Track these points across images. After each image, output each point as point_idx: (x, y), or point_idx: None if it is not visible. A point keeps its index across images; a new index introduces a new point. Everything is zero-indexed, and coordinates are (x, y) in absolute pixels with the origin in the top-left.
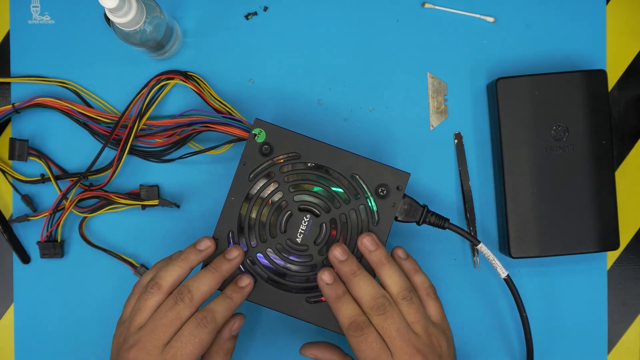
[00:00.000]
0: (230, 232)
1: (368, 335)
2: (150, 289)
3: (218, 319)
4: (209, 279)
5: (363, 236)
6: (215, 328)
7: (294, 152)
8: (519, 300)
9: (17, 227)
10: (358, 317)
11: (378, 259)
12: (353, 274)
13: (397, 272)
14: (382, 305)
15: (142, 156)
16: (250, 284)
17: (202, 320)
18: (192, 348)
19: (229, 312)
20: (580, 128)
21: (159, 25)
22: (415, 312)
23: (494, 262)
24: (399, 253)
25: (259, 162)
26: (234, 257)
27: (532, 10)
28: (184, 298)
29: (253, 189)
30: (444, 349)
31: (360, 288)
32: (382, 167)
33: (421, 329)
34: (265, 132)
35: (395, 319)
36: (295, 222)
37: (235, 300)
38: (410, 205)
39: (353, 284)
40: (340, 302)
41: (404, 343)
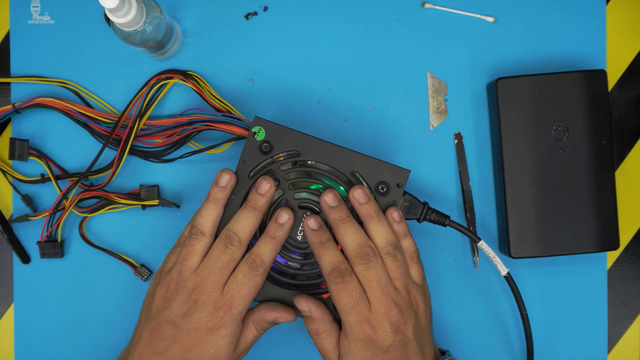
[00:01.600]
0: None
1: (349, 283)
2: (194, 236)
3: (266, 261)
4: (250, 218)
5: (355, 188)
6: (266, 269)
7: (293, 150)
8: (519, 298)
9: (17, 227)
10: (340, 264)
11: (368, 212)
12: (341, 220)
13: (385, 227)
14: (367, 254)
15: (142, 156)
16: (290, 218)
17: (253, 264)
18: (247, 290)
19: (275, 251)
20: (580, 128)
21: (159, 25)
22: (397, 268)
23: (494, 259)
24: (393, 214)
25: (258, 160)
26: (266, 190)
27: (532, 10)
28: (233, 241)
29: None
30: (420, 308)
31: (346, 235)
32: (382, 164)
33: (401, 285)
34: (264, 130)
35: (378, 270)
36: (295, 221)
37: (279, 238)
38: (411, 203)
39: (340, 230)
40: (324, 247)
41: (383, 294)
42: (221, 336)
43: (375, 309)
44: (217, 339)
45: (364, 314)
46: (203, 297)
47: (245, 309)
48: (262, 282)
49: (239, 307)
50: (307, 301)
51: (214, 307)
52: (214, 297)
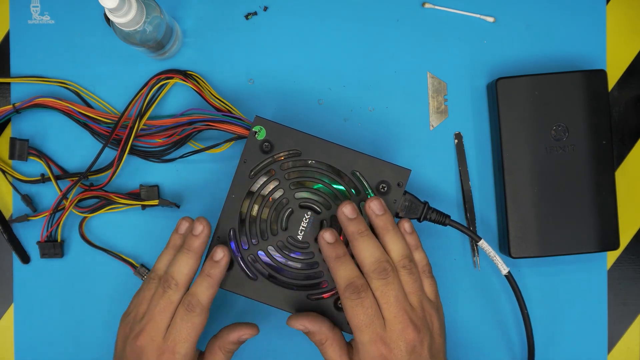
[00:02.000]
0: (231, 230)
1: (365, 299)
2: (146, 280)
3: (202, 299)
4: (187, 260)
5: (372, 199)
6: (203, 309)
7: (294, 149)
8: (520, 297)
9: (17, 227)
10: (357, 279)
11: (384, 224)
12: (360, 233)
13: (401, 240)
14: (385, 269)
15: (142, 156)
16: (225, 255)
17: (189, 306)
18: (187, 332)
19: (212, 289)
20: (580, 128)
21: (159, 25)
22: (413, 282)
23: (494, 258)
24: (405, 226)
25: (259, 159)
26: (200, 231)
27: (532, 10)
28: (170, 285)
29: (254, 186)
30: (435, 326)
31: (365, 248)
32: (383, 163)
33: (417, 301)
34: (265, 130)
35: (395, 285)
36: (296, 219)
37: (214, 276)
38: (411, 202)
39: (358, 243)
40: (340, 262)
41: (400, 312)
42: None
43: (391, 327)
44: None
45: (379, 332)
46: (147, 343)
47: (189, 351)
48: (203, 322)
49: (181, 350)
50: (300, 320)
51: (157, 353)
52: (157, 343)
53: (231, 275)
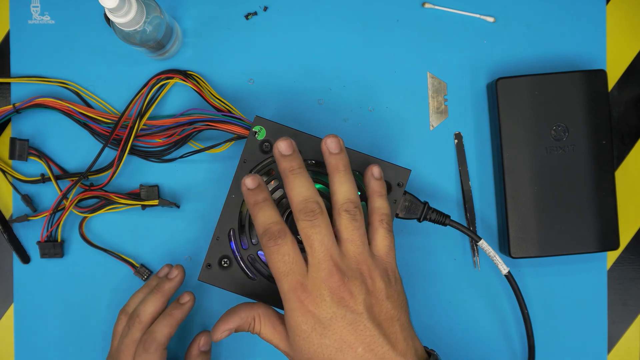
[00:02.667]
0: (231, 230)
1: (282, 245)
2: (119, 315)
3: (159, 338)
4: (155, 301)
5: (328, 137)
6: (158, 346)
7: None
8: (520, 297)
9: (17, 227)
10: (273, 225)
11: (336, 163)
12: (292, 170)
13: (349, 182)
14: (313, 210)
15: (142, 156)
16: (190, 300)
17: (144, 344)
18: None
19: (170, 328)
20: (580, 128)
21: (159, 25)
22: (353, 230)
23: (494, 258)
24: (373, 170)
25: (259, 159)
26: (175, 276)
27: (532, 10)
28: (134, 322)
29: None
30: (377, 286)
31: (294, 186)
32: (383, 163)
33: (353, 250)
34: (265, 130)
35: (323, 229)
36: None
37: (176, 316)
38: (411, 202)
39: (289, 181)
40: (258, 207)
41: (325, 257)
42: None
43: (313, 273)
44: None
45: (299, 279)
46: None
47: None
48: (159, 359)
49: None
50: (219, 328)
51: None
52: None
53: (231, 275)
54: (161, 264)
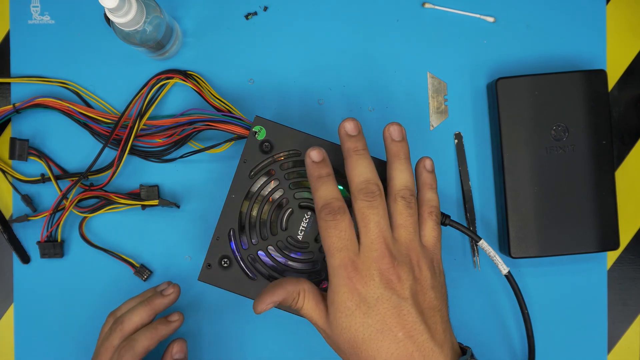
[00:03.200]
0: (231, 230)
1: (340, 222)
2: (107, 317)
3: (136, 347)
4: (141, 312)
5: (393, 123)
6: (134, 355)
7: (294, 149)
8: (520, 297)
9: (17, 227)
10: (335, 200)
11: (397, 151)
12: (356, 150)
13: (408, 170)
14: (373, 192)
15: (142, 156)
16: (178, 320)
17: (121, 350)
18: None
19: (151, 341)
20: (580, 128)
21: (159, 25)
22: (407, 216)
23: (494, 258)
24: (426, 162)
25: (259, 159)
26: (169, 293)
27: (532, 10)
28: (116, 328)
29: (254, 186)
30: (424, 275)
31: (357, 166)
32: (381, 162)
33: (405, 236)
34: (265, 130)
35: (380, 211)
36: (296, 220)
37: (160, 331)
38: None
39: (351, 160)
40: (321, 181)
41: (378, 238)
42: None
43: (365, 252)
44: None
45: (351, 256)
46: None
47: None
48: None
49: None
50: (264, 299)
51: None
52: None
53: (231, 275)
54: (161, 264)
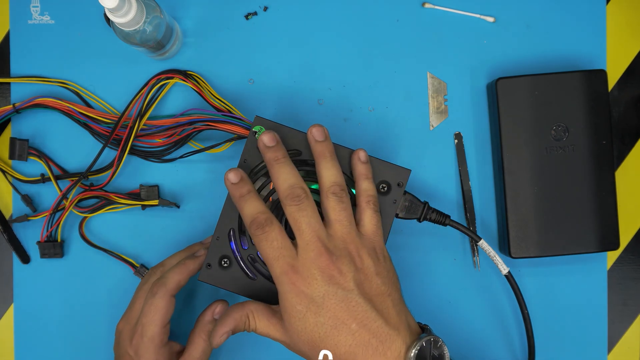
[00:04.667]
0: (231, 230)
1: (269, 232)
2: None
3: (167, 283)
4: (182, 273)
5: (313, 126)
6: (166, 292)
7: (294, 149)
8: (520, 297)
9: (17, 227)
10: (260, 214)
11: (322, 150)
12: (276, 160)
13: (334, 167)
14: (299, 195)
15: (142, 156)
16: (204, 253)
17: (152, 289)
18: (151, 315)
19: (181, 275)
20: (580, 128)
21: (159, 25)
22: (340, 211)
23: (494, 258)
24: (360, 155)
25: (259, 159)
26: (201, 254)
27: (532, 10)
28: (157, 270)
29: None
30: (365, 262)
31: (280, 174)
32: (383, 163)
33: (340, 230)
34: (265, 130)
35: (309, 212)
36: None
37: (189, 266)
38: (411, 202)
39: (274, 170)
40: (244, 200)
41: (312, 238)
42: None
43: (302, 254)
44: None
45: (289, 261)
46: (123, 327)
47: (156, 335)
48: (166, 306)
49: (147, 333)
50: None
51: (129, 336)
52: (130, 326)
53: (230, 274)
54: None
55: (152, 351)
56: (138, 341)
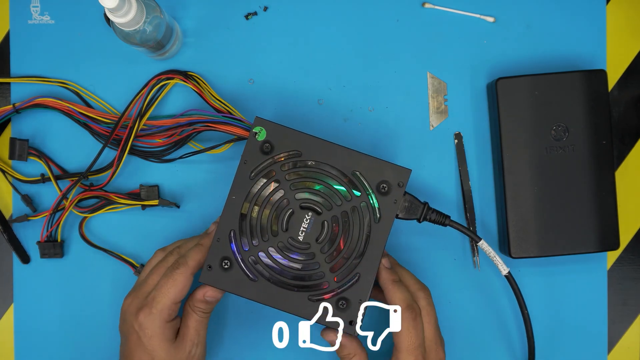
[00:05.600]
0: (231, 232)
1: (419, 323)
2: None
3: (189, 261)
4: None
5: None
6: (187, 268)
7: (294, 150)
8: (520, 297)
9: (17, 227)
10: (414, 304)
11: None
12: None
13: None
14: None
15: (142, 156)
16: (215, 228)
17: (175, 263)
18: (167, 288)
19: (200, 254)
20: (580, 128)
21: (159, 25)
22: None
23: (495, 259)
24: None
25: (259, 160)
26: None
27: (532, 10)
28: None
29: (254, 187)
30: None
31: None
32: (383, 163)
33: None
34: (265, 130)
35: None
36: (297, 220)
37: (205, 243)
38: (411, 203)
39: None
40: (398, 284)
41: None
42: (149, 336)
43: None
44: (146, 339)
45: (423, 355)
46: (132, 301)
47: (166, 307)
48: (184, 282)
49: (158, 305)
50: (335, 333)
51: (137, 308)
52: (139, 299)
53: (231, 276)
54: None
55: (158, 324)
56: (146, 313)
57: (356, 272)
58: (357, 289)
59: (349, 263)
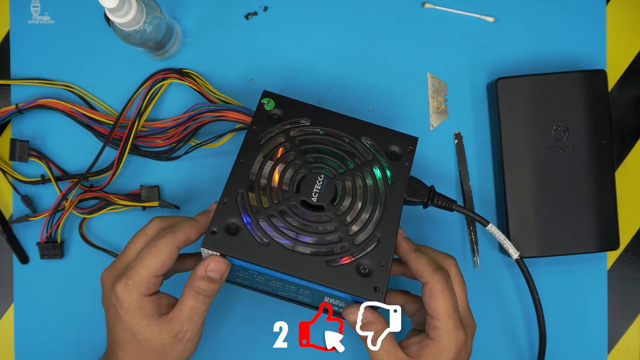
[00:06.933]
0: (239, 194)
1: (450, 284)
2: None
3: (177, 232)
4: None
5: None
6: (174, 240)
7: (304, 118)
8: (531, 281)
9: (17, 227)
10: (440, 265)
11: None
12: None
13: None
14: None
15: (150, 156)
16: (214, 208)
17: (161, 232)
18: (147, 258)
19: (192, 229)
20: (580, 128)
21: (159, 25)
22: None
23: (504, 242)
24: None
25: (268, 127)
26: (212, 209)
27: (532, 10)
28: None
29: (263, 151)
30: None
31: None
32: (391, 132)
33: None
34: (274, 103)
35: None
36: (309, 183)
37: (200, 221)
38: (418, 185)
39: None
40: (420, 252)
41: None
42: (125, 309)
43: (465, 316)
44: (122, 312)
45: (460, 319)
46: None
47: (144, 279)
48: (168, 254)
49: (135, 277)
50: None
51: (113, 280)
52: (117, 271)
53: (239, 240)
54: None
55: (135, 297)
56: (122, 285)
57: (374, 235)
58: (378, 253)
59: (367, 226)
